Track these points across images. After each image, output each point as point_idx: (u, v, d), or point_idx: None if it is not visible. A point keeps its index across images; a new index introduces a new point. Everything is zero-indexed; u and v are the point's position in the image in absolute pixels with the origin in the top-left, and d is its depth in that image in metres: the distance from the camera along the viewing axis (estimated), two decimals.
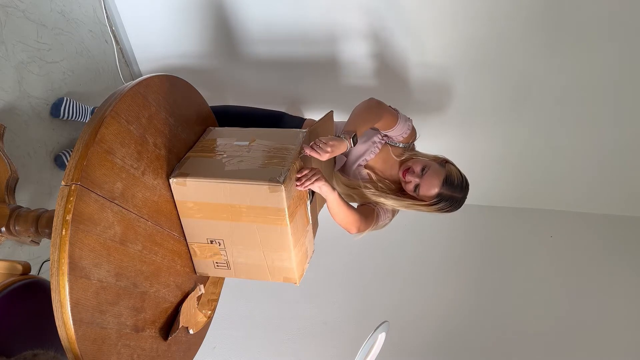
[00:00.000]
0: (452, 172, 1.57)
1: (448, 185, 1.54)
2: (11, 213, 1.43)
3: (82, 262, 0.97)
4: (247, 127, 1.48)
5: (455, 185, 1.55)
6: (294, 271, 1.35)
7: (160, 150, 1.23)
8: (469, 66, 2.18)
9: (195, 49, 2.42)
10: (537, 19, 1.98)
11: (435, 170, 1.55)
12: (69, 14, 2.09)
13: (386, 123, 1.57)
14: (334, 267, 2.52)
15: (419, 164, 1.56)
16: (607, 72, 2.07)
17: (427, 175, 1.53)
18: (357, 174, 1.67)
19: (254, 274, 1.38)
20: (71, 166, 0.97)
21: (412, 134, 1.66)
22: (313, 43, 2.25)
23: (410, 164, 1.58)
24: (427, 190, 1.54)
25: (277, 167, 1.22)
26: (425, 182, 1.54)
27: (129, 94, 1.13)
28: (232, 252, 1.34)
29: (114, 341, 1.08)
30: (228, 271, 1.39)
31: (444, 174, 1.55)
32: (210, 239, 1.32)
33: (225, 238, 1.31)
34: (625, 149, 2.34)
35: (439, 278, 2.53)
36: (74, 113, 2.02)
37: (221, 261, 1.36)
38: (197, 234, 1.32)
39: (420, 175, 1.54)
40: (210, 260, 1.37)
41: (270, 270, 1.36)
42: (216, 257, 1.36)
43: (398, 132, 1.61)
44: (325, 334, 2.35)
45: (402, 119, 1.60)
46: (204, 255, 1.36)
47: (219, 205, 1.24)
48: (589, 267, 2.53)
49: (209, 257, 1.37)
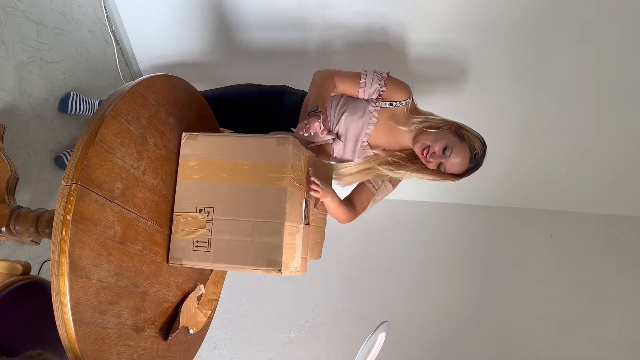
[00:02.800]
0: (474, 144, 1.51)
1: (474, 160, 1.51)
2: (11, 213, 1.43)
3: (82, 262, 0.97)
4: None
5: (480, 154, 1.52)
6: (280, 250, 1.22)
7: (160, 150, 1.23)
8: (468, 66, 2.18)
9: (195, 46, 2.42)
10: (538, 18, 1.98)
11: (459, 149, 1.48)
12: (69, 14, 2.09)
13: (349, 85, 1.56)
14: (333, 267, 2.52)
15: (438, 144, 1.48)
16: (607, 71, 2.07)
17: (453, 156, 1.48)
18: (362, 154, 1.62)
19: (234, 256, 1.26)
20: (71, 166, 0.97)
21: (399, 89, 1.57)
22: (314, 32, 2.24)
23: (428, 142, 1.49)
24: (455, 170, 1.51)
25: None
26: (453, 164, 1.49)
27: (129, 94, 1.13)
28: (218, 224, 1.27)
29: (114, 341, 1.08)
30: (206, 254, 1.27)
31: (468, 150, 1.49)
32: (200, 207, 1.28)
33: (217, 205, 1.27)
34: (625, 149, 2.34)
35: (439, 278, 2.53)
36: (81, 107, 2.05)
37: (202, 240, 1.27)
38: (187, 201, 1.29)
39: (444, 155, 1.48)
40: (191, 238, 1.28)
41: (255, 250, 1.25)
42: (199, 232, 1.27)
43: (372, 89, 1.55)
44: (325, 334, 2.35)
45: (369, 75, 1.55)
46: (186, 230, 1.28)
47: (222, 162, 1.27)
48: (589, 267, 2.53)
49: (190, 234, 1.28)
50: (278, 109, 1.72)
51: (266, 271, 1.23)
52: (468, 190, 2.69)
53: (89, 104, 2.09)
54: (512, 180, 2.62)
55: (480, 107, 2.32)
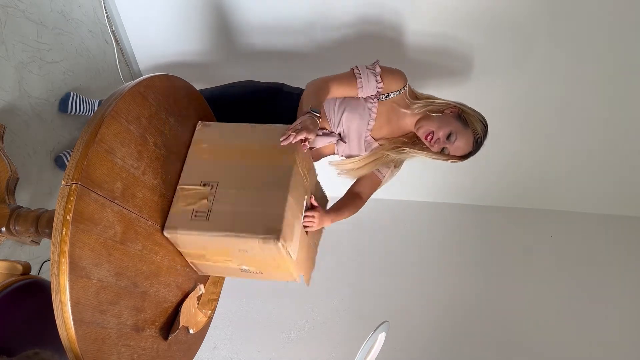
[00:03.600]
0: (476, 129, 1.53)
1: (478, 143, 1.54)
2: (11, 213, 1.43)
3: (83, 261, 0.97)
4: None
5: (483, 137, 1.55)
6: (281, 219, 1.18)
7: (161, 150, 1.23)
8: (469, 66, 2.18)
9: (195, 46, 2.42)
10: (539, 16, 1.98)
11: (463, 135, 1.51)
12: (69, 14, 2.09)
13: (347, 88, 1.55)
14: (333, 268, 2.52)
15: (442, 130, 1.49)
16: (607, 71, 2.07)
17: (457, 142, 1.50)
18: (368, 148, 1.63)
19: (233, 224, 1.20)
20: (71, 166, 0.98)
21: (395, 78, 1.56)
22: (314, 32, 2.24)
23: (432, 127, 1.50)
24: (459, 153, 1.54)
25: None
26: (457, 148, 1.52)
27: (129, 93, 1.13)
28: (221, 196, 1.24)
29: (114, 341, 1.08)
30: (204, 223, 1.21)
31: (472, 135, 1.52)
32: (204, 182, 1.26)
33: (222, 180, 1.26)
34: (625, 149, 2.34)
35: (439, 278, 2.53)
36: (81, 107, 2.05)
37: (202, 209, 1.22)
38: (192, 177, 1.27)
39: (448, 141, 1.50)
40: (191, 208, 1.23)
41: (255, 217, 1.20)
42: (200, 203, 1.24)
43: (370, 88, 1.54)
44: (325, 334, 2.35)
45: (364, 74, 1.53)
46: (186, 201, 1.25)
47: (233, 145, 1.31)
48: (589, 267, 2.53)
49: (191, 204, 1.24)
50: (278, 108, 1.72)
51: (264, 240, 1.17)
52: (467, 190, 2.70)
53: (89, 104, 2.09)
54: (511, 180, 2.62)
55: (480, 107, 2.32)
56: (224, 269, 1.37)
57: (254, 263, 1.30)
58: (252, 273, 1.37)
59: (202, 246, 1.27)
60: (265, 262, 1.28)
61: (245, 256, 1.27)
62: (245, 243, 1.20)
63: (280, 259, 1.24)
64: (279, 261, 1.25)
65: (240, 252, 1.25)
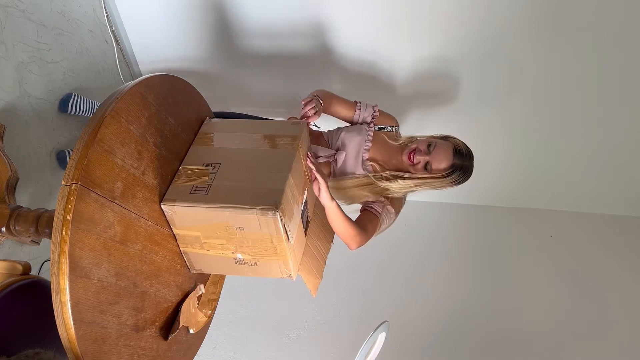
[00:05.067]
0: (457, 143, 1.58)
1: (459, 155, 1.55)
2: (11, 213, 1.43)
3: (83, 261, 0.97)
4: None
5: (465, 154, 1.57)
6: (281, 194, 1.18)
7: (161, 150, 1.23)
8: (468, 68, 2.18)
9: (195, 51, 2.43)
10: (537, 17, 1.98)
11: (442, 144, 1.55)
12: (69, 14, 2.09)
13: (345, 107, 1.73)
14: (334, 267, 2.52)
15: (424, 143, 1.57)
16: (607, 71, 2.07)
17: (436, 150, 1.54)
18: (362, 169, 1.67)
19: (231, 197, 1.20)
20: (71, 166, 0.97)
21: (389, 117, 1.75)
22: (317, 41, 2.25)
23: (414, 145, 1.59)
24: (439, 164, 1.54)
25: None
26: (436, 157, 1.54)
27: (129, 93, 1.13)
28: (222, 174, 1.25)
29: (115, 341, 1.08)
30: (203, 196, 1.21)
31: (452, 145, 1.56)
32: (207, 163, 1.29)
33: (224, 161, 1.29)
34: (625, 149, 2.34)
35: (439, 278, 2.53)
36: (81, 108, 2.06)
37: (202, 185, 1.23)
38: (195, 159, 1.31)
39: (428, 152, 1.54)
40: (191, 184, 1.24)
41: (254, 192, 1.20)
42: (201, 180, 1.25)
43: (366, 113, 1.73)
44: (325, 334, 2.35)
45: (362, 103, 1.75)
46: (187, 179, 1.26)
47: (239, 136, 1.38)
48: (589, 267, 2.53)
49: (191, 181, 1.25)
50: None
51: (262, 211, 1.15)
52: (468, 190, 2.69)
53: (89, 105, 2.09)
54: (511, 180, 2.62)
55: (480, 107, 2.32)
56: (218, 259, 1.35)
57: (249, 247, 1.28)
58: (248, 265, 1.35)
59: (198, 223, 1.25)
60: (262, 244, 1.26)
61: (241, 236, 1.25)
62: (242, 216, 1.19)
63: (277, 239, 1.22)
64: (276, 243, 1.24)
65: (236, 230, 1.23)
